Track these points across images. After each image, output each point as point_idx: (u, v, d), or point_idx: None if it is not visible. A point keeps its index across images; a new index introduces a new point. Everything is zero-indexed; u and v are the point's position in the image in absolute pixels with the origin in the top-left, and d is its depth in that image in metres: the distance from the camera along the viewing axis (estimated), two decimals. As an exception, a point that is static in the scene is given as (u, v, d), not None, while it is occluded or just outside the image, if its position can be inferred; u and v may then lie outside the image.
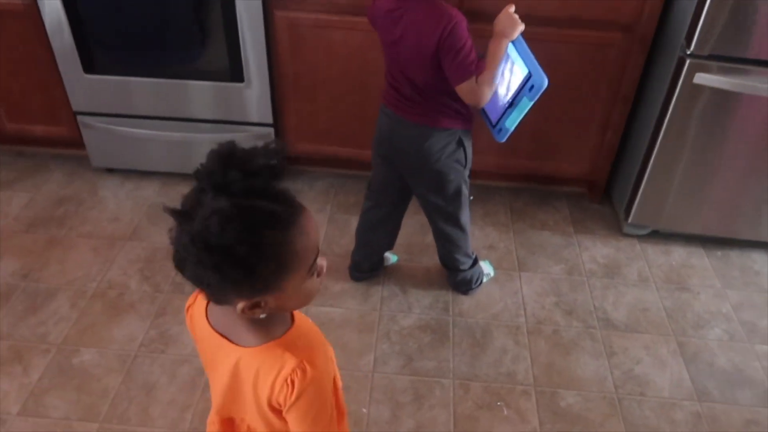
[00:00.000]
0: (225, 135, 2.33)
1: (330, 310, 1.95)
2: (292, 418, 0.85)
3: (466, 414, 1.67)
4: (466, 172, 1.76)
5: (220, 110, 2.29)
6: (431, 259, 2.13)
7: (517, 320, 1.95)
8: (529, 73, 1.44)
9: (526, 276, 2.12)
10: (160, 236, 2.21)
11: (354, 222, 2.30)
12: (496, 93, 1.55)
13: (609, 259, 2.21)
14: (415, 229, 2.26)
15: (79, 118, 2.36)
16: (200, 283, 0.74)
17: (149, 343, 1.83)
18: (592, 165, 2.36)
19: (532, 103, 1.45)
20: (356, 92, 2.21)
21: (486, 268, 2.08)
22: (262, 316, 0.79)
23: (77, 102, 2.32)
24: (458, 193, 1.76)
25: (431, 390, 1.73)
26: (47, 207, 2.35)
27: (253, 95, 2.24)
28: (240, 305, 0.76)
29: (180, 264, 0.73)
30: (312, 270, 0.78)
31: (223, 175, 0.69)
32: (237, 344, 0.84)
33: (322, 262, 0.81)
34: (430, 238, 2.23)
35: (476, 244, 2.23)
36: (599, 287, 2.09)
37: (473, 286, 2.01)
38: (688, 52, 1.88)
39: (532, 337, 1.90)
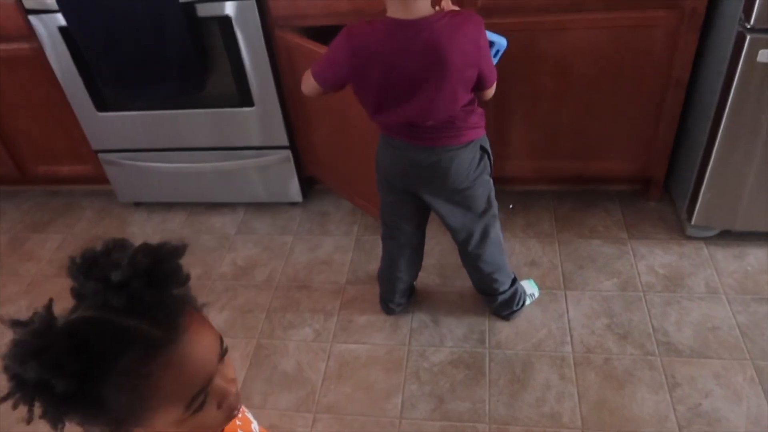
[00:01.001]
0: (242, 162, 2.24)
1: (355, 348, 1.82)
2: None
3: (504, 465, 1.49)
4: (492, 179, 1.60)
5: (235, 137, 2.19)
6: (465, 282, 1.94)
7: (563, 349, 1.73)
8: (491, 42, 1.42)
9: (572, 295, 1.89)
10: (193, 269, 2.14)
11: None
12: None
13: (670, 269, 1.94)
14: (446, 248, 2.07)
15: (100, 155, 2.34)
16: (41, 415, 0.60)
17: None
18: (645, 160, 2.08)
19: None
20: (349, 127, 2.01)
21: (529, 287, 1.88)
22: None
23: (95, 140, 2.30)
24: (490, 204, 1.60)
25: (465, 437, 1.56)
26: (78, 247, 2.33)
27: (265, 118, 2.12)
28: None
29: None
30: (193, 406, 0.62)
31: (82, 285, 0.61)
32: None
33: (226, 389, 0.65)
34: (462, 258, 2.05)
35: (516, 261, 2.02)
36: (659, 304, 1.83)
37: (515, 308, 1.81)
38: (748, 26, 1.59)
39: (580, 369, 1.68)
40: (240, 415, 0.83)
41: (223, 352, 0.66)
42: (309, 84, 1.44)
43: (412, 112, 1.38)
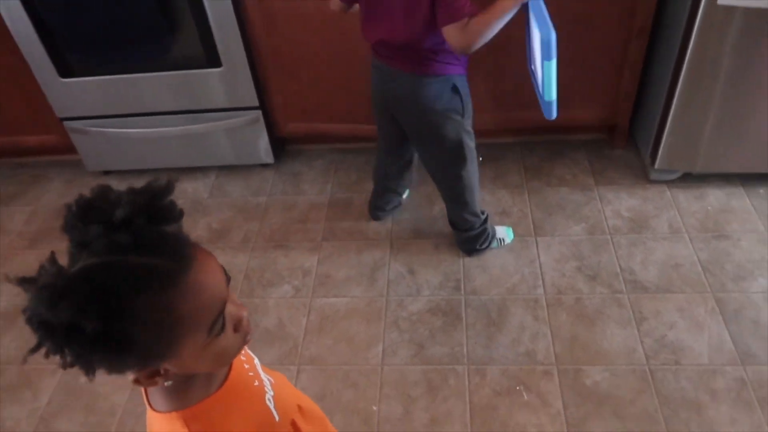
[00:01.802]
0: (212, 124, 2.22)
1: (335, 302, 1.85)
2: None
3: (483, 403, 1.56)
4: (467, 122, 1.63)
5: (203, 99, 2.17)
6: (440, 233, 2.00)
7: (535, 292, 1.80)
8: (541, 34, 1.29)
9: (543, 241, 1.95)
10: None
11: (356, 200, 2.19)
12: (535, 70, 1.43)
13: (635, 212, 2.01)
14: (420, 201, 2.11)
15: (66, 123, 2.29)
16: (67, 363, 0.60)
17: (153, 355, 1.78)
18: (611, 108, 2.14)
19: (552, 62, 1.31)
20: (339, 64, 2.04)
21: (502, 233, 1.94)
22: (167, 383, 0.68)
23: (60, 108, 2.25)
24: (459, 145, 1.64)
25: (445, 379, 1.62)
26: (48, 219, 2.31)
27: (234, 79, 2.10)
28: (131, 377, 0.64)
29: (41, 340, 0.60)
30: (215, 330, 0.65)
31: (83, 233, 0.58)
32: (149, 403, 0.74)
33: (239, 313, 0.68)
34: (437, 210, 2.10)
35: (488, 211, 2.06)
36: (625, 245, 1.91)
37: (478, 247, 1.89)
38: (707, -30, 1.63)
39: (552, 309, 1.75)
40: (243, 353, 0.86)
41: (228, 279, 0.68)
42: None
43: (383, 30, 1.49)
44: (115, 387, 1.71)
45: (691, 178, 2.08)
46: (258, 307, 1.87)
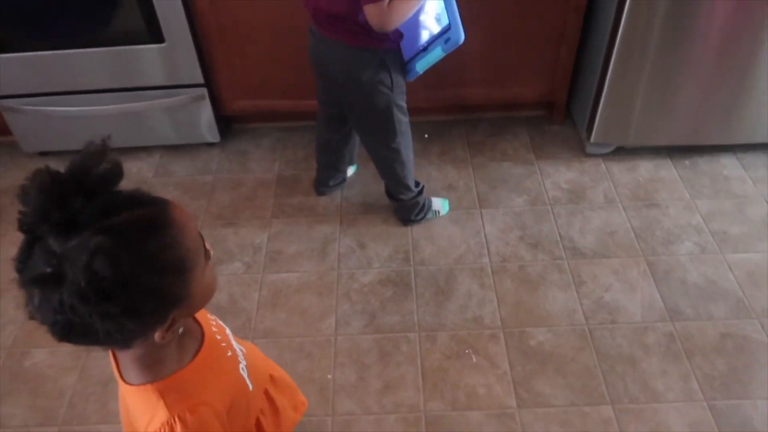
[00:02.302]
0: (158, 101, 2.17)
1: (286, 276, 1.87)
2: None
3: (434, 366, 1.62)
4: (398, 97, 1.68)
5: (146, 76, 2.12)
6: (389, 208, 2.04)
7: (481, 261, 1.87)
8: (449, 24, 1.42)
9: (488, 213, 2.03)
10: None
11: (305, 177, 2.20)
12: (415, 33, 1.52)
13: (573, 184, 2.11)
14: (368, 178, 2.14)
15: (-2, 102, 2.19)
16: (109, 339, 0.62)
17: (101, 335, 1.75)
18: (549, 85, 2.23)
19: (444, 54, 1.47)
20: (285, 38, 2.04)
21: (438, 205, 2.01)
22: (181, 330, 0.70)
23: (-9, 86, 2.15)
24: (388, 118, 1.69)
25: (397, 346, 1.67)
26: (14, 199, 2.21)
27: (177, 55, 2.06)
28: (158, 335, 0.65)
29: (68, 334, 0.61)
30: (207, 255, 0.69)
31: (62, 210, 0.56)
32: (121, 376, 0.74)
33: (203, 241, 0.71)
34: (384, 185, 2.13)
35: (434, 186, 2.12)
36: (564, 215, 2.00)
37: (413, 217, 1.95)
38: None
39: (498, 276, 1.83)
40: (214, 323, 0.87)
41: None
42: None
43: (323, 1, 1.52)
44: (62, 369, 1.67)
45: (623, 152, 2.20)
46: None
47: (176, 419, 0.70)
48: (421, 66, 1.54)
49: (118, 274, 0.56)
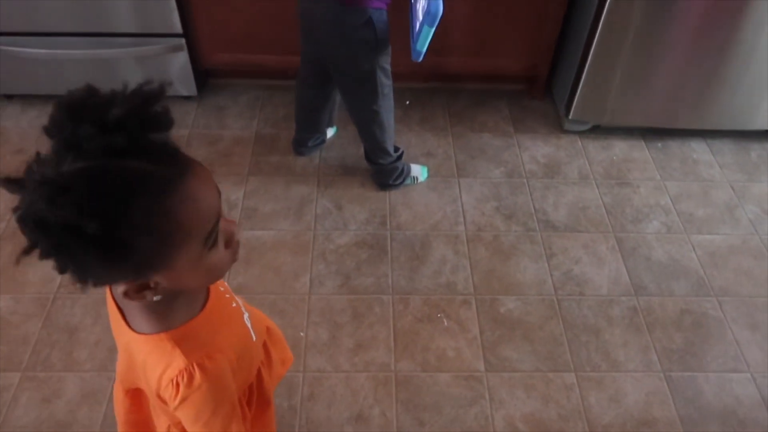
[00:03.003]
0: (135, 49, 2.10)
1: (261, 234, 1.86)
2: (182, 417, 0.76)
3: (406, 328, 1.64)
4: (383, 59, 1.67)
5: (120, 22, 2.04)
6: (366, 173, 2.03)
7: (457, 229, 1.90)
8: (430, 5, 1.43)
9: (465, 182, 2.05)
10: (75, 166, 2.03)
11: (283, 136, 2.17)
12: (414, 15, 1.55)
13: (549, 159, 2.15)
14: (348, 140, 2.13)
15: (-39, 38, 2.08)
16: (60, 267, 0.57)
17: (68, 284, 1.71)
18: (532, 60, 2.24)
19: (432, 29, 1.47)
20: None
21: (417, 171, 2.02)
22: (156, 298, 0.65)
23: (-46, 20, 2.04)
24: (370, 78, 1.68)
25: (370, 307, 1.69)
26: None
27: (155, 2, 1.99)
28: (121, 288, 0.62)
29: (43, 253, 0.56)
30: (209, 242, 0.64)
31: (72, 133, 0.53)
32: (128, 325, 0.72)
33: (230, 228, 0.67)
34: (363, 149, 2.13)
35: (414, 152, 2.13)
36: (539, 188, 2.04)
37: (390, 182, 1.97)
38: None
39: (472, 245, 1.86)
40: (223, 288, 0.86)
41: (219, 194, 0.66)
42: None
43: None
44: (25, 316, 1.64)
45: (599, 130, 2.24)
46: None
47: (194, 366, 0.69)
48: (421, 45, 1.55)
49: (55, 213, 0.52)
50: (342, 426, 1.46)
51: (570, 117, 2.18)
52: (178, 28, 2.07)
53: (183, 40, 2.10)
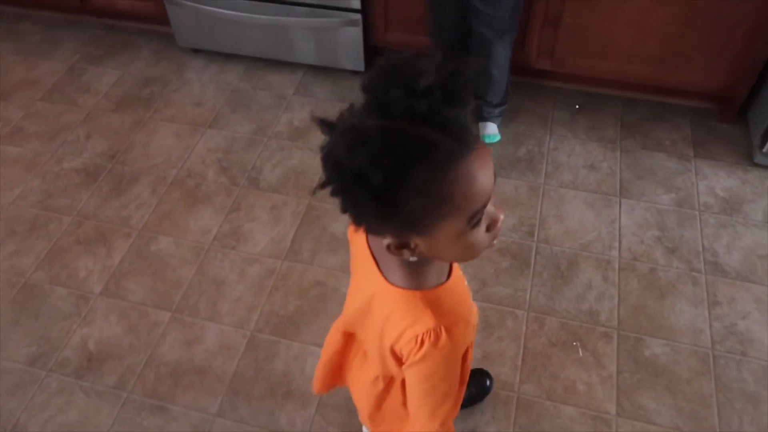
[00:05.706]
0: (311, 20, 2.16)
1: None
2: (410, 375, 0.80)
3: (537, 350, 1.56)
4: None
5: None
6: (521, 175, 1.94)
7: (610, 254, 1.75)
8: None
9: (627, 203, 1.88)
10: (240, 125, 2.15)
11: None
12: None
13: (731, 193, 1.91)
14: (507, 138, 2.04)
15: (164, -7, 2.26)
16: (342, 207, 0.64)
17: (222, 238, 1.83)
18: (729, 77, 1.98)
19: None
20: None
21: (494, 129, 2.05)
22: (412, 258, 0.69)
23: (160, -25, 2.21)
24: (509, 22, 1.81)
25: (502, 320, 1.62)
26: (135, 87, 2.33)
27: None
28: (386, 241, 0.67)
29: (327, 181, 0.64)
30: (473, 221, 0.65)
31: (384, 92, 0.59)
32: (383, 275, 0.77)
33: (497, 214, 0.69)
34: (522, 151, 2.04)
35: (575, 162, 1.99)
36: (713, 225, 1.82)
37: (489, 98, 2.00)
38: None
39: (624, 274, 1.71)
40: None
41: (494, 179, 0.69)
42: None
43: None
44: (182, 261, 1.77)
45: (798, 169, 1.95)
46: (328, 212, 1.88)
47: (442, 328, 0.72)
48: None
49: (351, 160, 0.58)
50: (455, 436, 1.43)
51: (765, 149, 1.91)
52: (357, 3, 2.08)
53: (359, 16, 2.12)
